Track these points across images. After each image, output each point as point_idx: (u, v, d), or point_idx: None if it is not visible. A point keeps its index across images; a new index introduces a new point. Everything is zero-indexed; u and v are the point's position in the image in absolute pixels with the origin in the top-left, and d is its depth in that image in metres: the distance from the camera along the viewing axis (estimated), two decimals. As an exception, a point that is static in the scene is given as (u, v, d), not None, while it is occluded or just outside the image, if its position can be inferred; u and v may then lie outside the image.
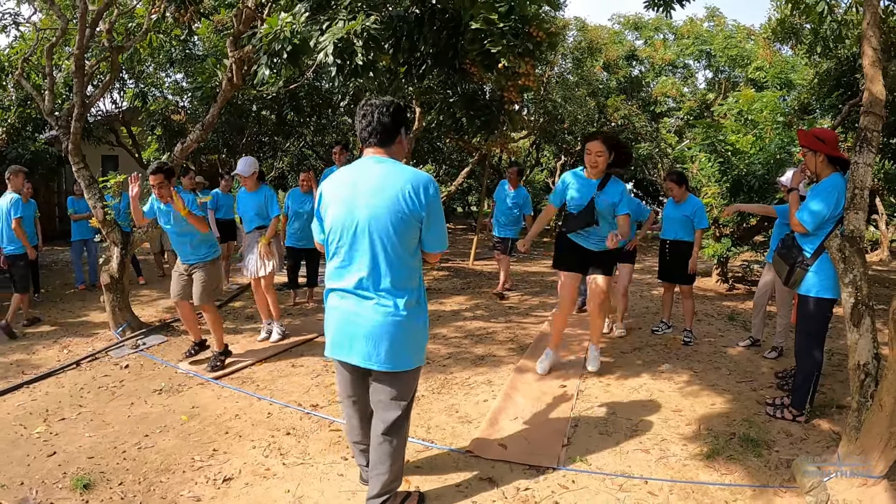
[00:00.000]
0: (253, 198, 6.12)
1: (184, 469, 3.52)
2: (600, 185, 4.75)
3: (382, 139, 2.75)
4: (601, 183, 4.76)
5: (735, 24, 19.66)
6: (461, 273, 10.78)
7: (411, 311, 2.75)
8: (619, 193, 4.77)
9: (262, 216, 6.11)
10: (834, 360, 5.42)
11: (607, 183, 4.76)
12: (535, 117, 15.27)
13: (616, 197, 4.74)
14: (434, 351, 5.77)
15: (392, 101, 2.76)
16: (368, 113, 2.74)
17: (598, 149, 4.66)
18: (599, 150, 4.66)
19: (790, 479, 3.33)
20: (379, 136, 2.74)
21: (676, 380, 4.99)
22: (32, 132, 11.73)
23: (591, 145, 4.70)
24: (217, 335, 5.35)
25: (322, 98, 12.70)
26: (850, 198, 3.59)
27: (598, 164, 4.69)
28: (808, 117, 10.22)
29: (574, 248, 4.87)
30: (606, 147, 4.68)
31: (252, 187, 6.12)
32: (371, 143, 2.77)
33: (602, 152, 4.66)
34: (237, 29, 5.59)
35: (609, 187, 4.75)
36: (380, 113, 2.72)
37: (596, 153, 4.67)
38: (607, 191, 4.74)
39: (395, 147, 2.80)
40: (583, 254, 4.86)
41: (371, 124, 2.73)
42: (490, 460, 3.57)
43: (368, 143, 2.77)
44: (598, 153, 4.66)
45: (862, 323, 3.39)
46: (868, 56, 3.62)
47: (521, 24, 5.13)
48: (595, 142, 4.70)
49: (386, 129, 2.73)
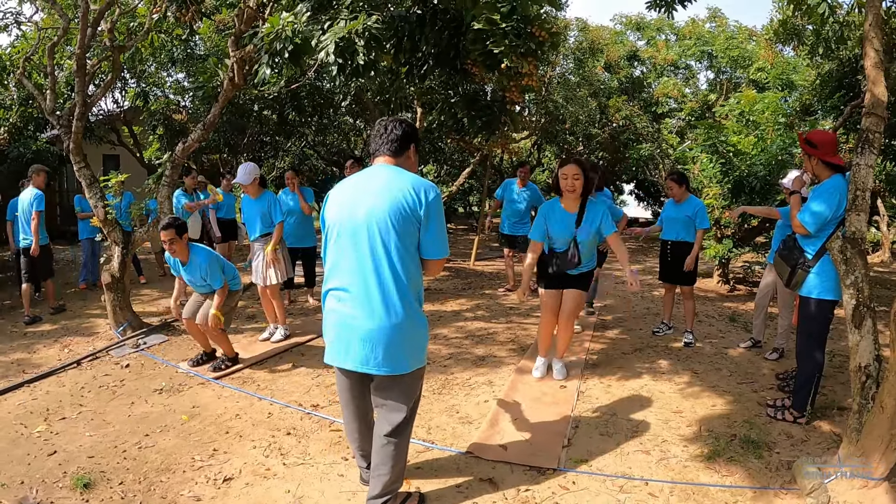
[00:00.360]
0: (256, 204, 6.06)
1: (184, 469, 3.52)
2: (578, 220, 4.66)
3: (393, 148, 2.83)
4: (578, 216, 4.67)
5: (737, 24, 19.65)
6: (462, 273, 10.78)
7: (409, 314, 2.74)
8: (599, 216, 4.67)
9: (267, 223, 6.06)
10: (835, 361, 5.41)
11: (585, 211, 4.68)
12: (536, 118, 15.27)
13: (596, 223, 4.66)
14: (435, 351, 5.77)
15: (405, 119, 2.91)
16: (381, 127, 2.87)
17: (573, 171, 4.59)
18: (576, 173, 4.59)
19: (791, 481, 3.32)
20: (390, 146, 2.83)
21: (677, 381, 4.99)
22: (34, 131, 11.75)
23: (566, 169, 4.62)
24: (225, 349, 5.31)
25: (324, 98, 12.69)
26: (852, 199, 3.58)
27: (576, 188, 4.61)
28: (809, 118, 10.20)
29: (557, 273, 4.84)
30: (581, 169, 4.61)
31: (255, 194, 6.08)
32: (382, 153, 2.85)
33: (578, 175, 4.58)
34: (238, 28, 5.59)
35: (588, 215, 4.67)
36: (392, 126, 2.85)
37: (573, 176, 4.58)
38: (587, 220, 4.66)
39: (404, 159, 2.87)
40: (564, 276, 4.84)
41: (383, 135, 2.84)
42: (490, 461, 3.57)
43: (380, 152, 2.85)
44: (575, 175, 4.59)
45: (863, 325, 3.38)
46: (870, 58, 3.61)
47: (524, 24, 5.12)
48: (570, 165, 4.63)
49: (397, 138, 2.83)
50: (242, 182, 5.93)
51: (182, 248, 4.98)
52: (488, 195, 14.38)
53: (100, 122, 13.55)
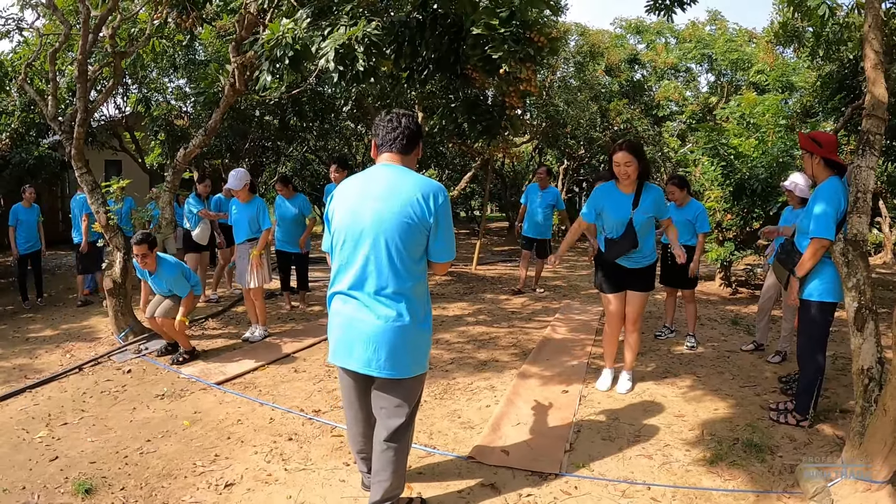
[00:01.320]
0: (245, 209, 6.33)
1: (185, 474, 3.52)
2: (635, 202, 4.50)
3: (405, 146, 2.80)
4: (635, 198, 4.51)
5: (737, 27, 19.70)
6: (464, 278, 10.78)
7: (414, 318, 2.74)
8: (654, 202, 4.52)
9: (254, 228, 6.34)
10: (838, 364, 5.40)
11: (641, 194, 4.52)
12: (537, 121, 15.29)
13: (651, 209, 4.51)
14: (437, 356, 5.76)
15: (416, 115, 2.85)
16: (395, 119, 2.80)
17: (626, 159, 4.39)
18: (628, 160, 4.39)
19: (794, 485, 3.31)
20: (402, 142, 2.79)
21: (679, 384, 4.98)
22: (36, 137, 11.79)
23: (619, 156, 4.42)
24: (183, 343, 5.69)
25: (325, 103, 12.73)
26: (853, 201, 3.57)
27: (630, 175, 4.43)
28: (810, 120, 10.21)
29: (615, 268, 4.66)
30: (634, 155, 4.41)
31: (245, 199, 6.34)
32: (390, 149, 2.80)
33: (630, 162, 4.39)
34: (239, 34, 5.60)
35: (644, 200, 4.50)
36: (407, 121, 2.80)
37: (625, 164, 4.40)
38: (643, 205, 4.49)
39: (411, 157, 2.85)
40: (623, 272, 4.66)
41: (397, 129, 2.78)
42: (492, 466, 3.56)
43: (388, 147, 2.80)
44: (627, 163, 4.39)
45: (865, 327, 3.38)
46: (870, 59, 3.61)
47: (523, 29, 5.13)
48: (622, 152, 4.41)
49: (411, 136, 2.80)
50: (234, 187, 6.22)
51: (152, 261, 5.44)
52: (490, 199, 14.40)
53: (101, 127, 13.57)
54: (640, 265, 4.62)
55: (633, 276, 4.65)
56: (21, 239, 8.13)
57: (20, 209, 8.16)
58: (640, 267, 4.63)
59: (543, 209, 8.75)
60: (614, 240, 4.57)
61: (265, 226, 6.30)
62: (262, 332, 6.42)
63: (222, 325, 7.10)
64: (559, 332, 6.70)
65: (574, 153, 18.86)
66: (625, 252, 4.53)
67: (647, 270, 4.67)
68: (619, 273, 4.66)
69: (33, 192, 8.35)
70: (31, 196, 8.28)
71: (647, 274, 4.69)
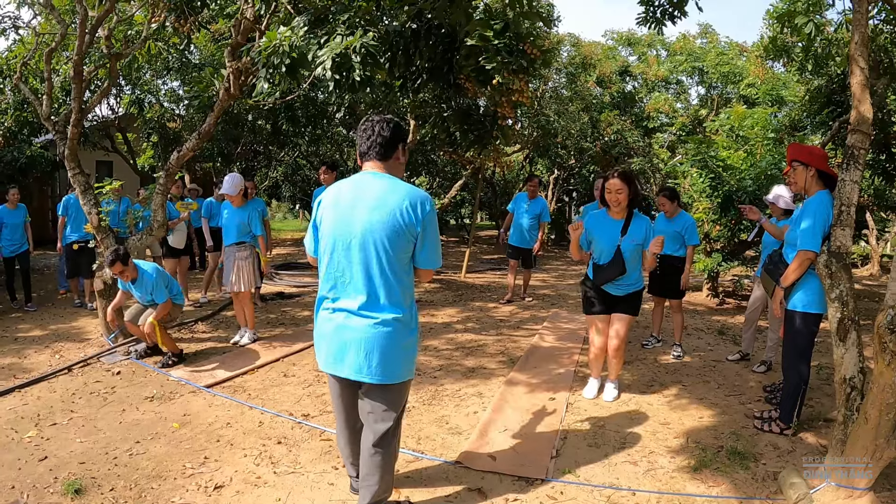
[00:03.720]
0: (238, 214, 6.40)
1: (175, 476, 3.53)
2: (624, 228, 4.59)
3: (382, 153, 2.81)
4: (625, 225, 4.58)
5: (728, 41, 19.89)
6: (453, 285, 10.81)
7: (403, 325, 2.78)
8: (644, 231, 4.58)
9: (243, 232, 6.41)
10: (822, 374, 5.47)
11: (631, 222, 4.59)
12: (528, 131, 15.37)
13: (641, 236, 4.56)
14: (425, 363, 5.79)
15: (392, 118, 2.87)
16: (369, 128, 2.81)
17: (617, 186, 4.48)
18: (619, 188, 4.48)
19: (777, 492, 3.36)
20: (378, 150, 2.80)
21: (665, 393, 5.03)
22: (28, 136, 11.75)
23: (611, 184, 4.51)
24: (169, 347, 5.71)
25: (317, 109, 12.77)
26: (837, 214, 3.65)
27: (621, 202, 4.52)
28: (798, 134, 10.34)
29: (602, 294, 4.72)
30: (626, 183, 4.50)
31: (238, 203, 6.41)
32: (370, 157, 2.83)
33: (622, 189, 4.48)
34: (235, 40, 5.63)
35: (633, 227, 4.57)
36: (380, 128, 2.80)
37: (616, 191, 4.49)
38: (632, 232, 4.56)
39: (393, 162, 2.85)
40: (610, 298, 4.72)
41: (371, 138, 2.80)
42: (480, 471, 3.60)
43: (368, 156, 2.83)
44: (619, 190, 4.48)
45: (848, 338, 3.44)
46: (856, 76, 3.68)
47: (516, 41, 5.19)
48: (614, 180, 4.51)
49: (386, 142, 2.80)
50: (229, 192, 6.28)
51: (131, 272, 5.55)
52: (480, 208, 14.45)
53: (94, 128, 13.56)
54: (627, 292, 4.68)
55: (620, 301, 4.71)
56: (6, 241, 7.94)
57: (4, 211, 7.94)
58: (627, 294, 4.69)
59: (530, 219, 8.77)
60: (602, 266, 4.64)
61: (258, 231, 6.41)
62: (252, 336, 6.44)
63: (212, 329, 7.10)
64: (547, 340, 6.75)
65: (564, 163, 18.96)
66: (612, 278, 4.60)
67: (633, 297, 4.73)
68: (605, 299, 4.73)
69: (17, 192, 8.11)
70: (16, 197, 8.05)
71: (634, 300, 4.74)
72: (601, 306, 4.74)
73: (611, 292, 4.68)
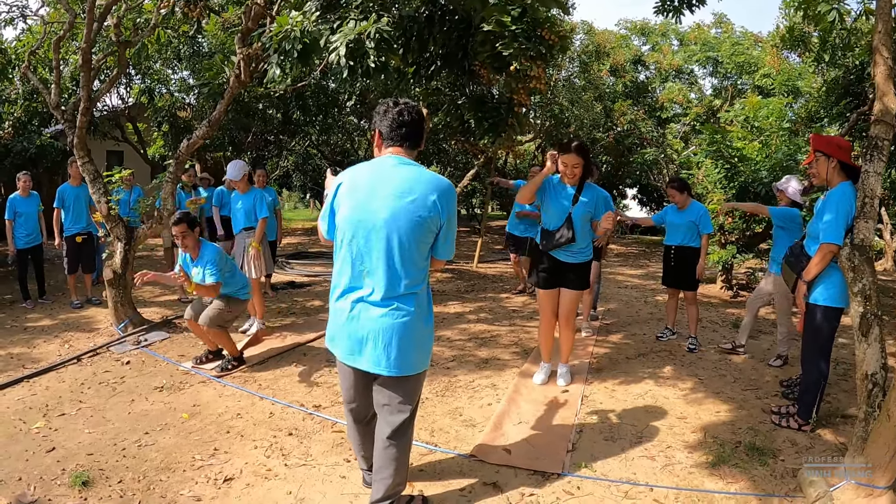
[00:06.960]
0: (243, 199, 6.40)
1: (184, 468, 3.49)
2: (575, 196, 4.64)
3: (414, 141, 2.77)
4: (576, 193, 4.65)
5: (742, 30, 19.64)
6: (465, 275, 10.76)
7: (421, 315, 2.72)
8: (593, 199, 4.68)
9: (251, 218, 6.38)
10: (839, 369, 5.38)
11: (582, 189, 4.67)
12: (541, 121, 15.25)
13: (591, 204, 4.66)
14: (438, 354, 5.74)
15: (418, 105, 2.81)
16: (405, 112, 2.73)
17: (574, 161, 4.56)
18: (576, 163, 4.56)
19: (796, 489, 3.30)
20: (412, 138, 2.76)
21: (681, 387, 4.96)
22: (38, 126, 11.74)
23: (567, 158, 4.57)
24: (229, 349, 5.29)
25: (328, 97, 12.71)
26: (860, 206, 3.56)
27: (577, 175, 4.62)
28: (814, 125, 10.18)
29: (552, 262, 4.76)
30: (582, 157, 4.57)
31: (244, 189, 6.41)
32: (399, 143, 2.76)
33: (578, 164, 4.57)
34: (246, 26, 5.57)
35: (585, 195, 4.66)
36: (411, 114, 2.74)
37: (573, 165, 4.57)
38: (583, 199, 4.64)
39: (416, 151, 2.82)
40: (560, 267, 4.76)
41: (403, 124, 2.73)
42: (494, 465, 3.54)
43: (397, 141, 2.76)
44: (575, 165, 4.57)
45: (870, 333, 3.36)
46: (879, 67, 3.56)
47: (534, 27, 5.10)
48: (570, 155, 4.55)
49: (420, 131, 2.78)
50: (233, 178, 6.28)
51: (194, 243, 5.05)
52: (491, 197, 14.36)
53: (104, 117, 13.55)
54: (577, 260, 4.73)
55: (569, 272, 4.74)
56: (21, 231, 7.53)
57: (18, 200, 7.51)
58: (576, 262, 4.73)
59: (531, 207, 8.65)
60: (552, 231, 4.69)
61: (261, 214, 6.31)
62: (260, 325, 6.38)
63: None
64: (560, 331, 6.67)
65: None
66: (561, 244, 4.65)
67: (582, 267, 4.77)
68: (554, 268, 4.77)
69: (29, 179, 7.65)
70: (28, 184, 7.61)
71: (582, 270, 4.78)
72: (549, 279, 4.79)
73: (560, 258, 4.73)
